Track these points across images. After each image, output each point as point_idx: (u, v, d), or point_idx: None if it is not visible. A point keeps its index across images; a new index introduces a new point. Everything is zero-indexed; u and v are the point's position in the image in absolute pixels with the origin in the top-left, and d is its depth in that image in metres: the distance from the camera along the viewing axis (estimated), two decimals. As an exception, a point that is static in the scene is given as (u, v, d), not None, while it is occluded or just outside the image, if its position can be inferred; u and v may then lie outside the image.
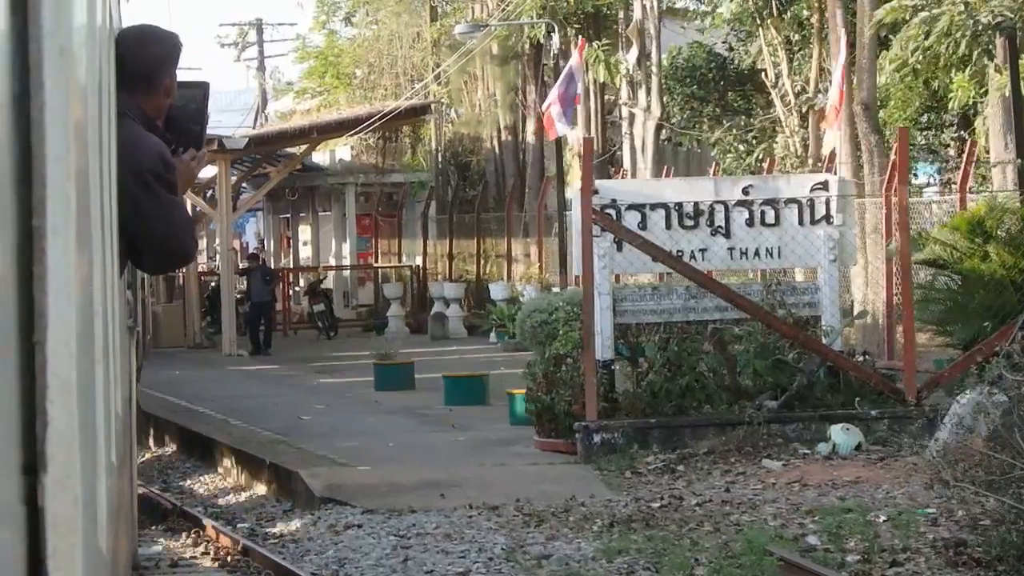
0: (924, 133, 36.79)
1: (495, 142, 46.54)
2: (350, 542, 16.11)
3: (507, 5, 43.04)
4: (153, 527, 18.69)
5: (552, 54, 38.42)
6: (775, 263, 20.62)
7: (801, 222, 20.14)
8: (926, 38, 23.77)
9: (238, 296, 41.55)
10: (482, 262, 44.78)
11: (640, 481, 18.24)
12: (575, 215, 20.24)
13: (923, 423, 19.27)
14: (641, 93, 38.39)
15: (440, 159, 49.74)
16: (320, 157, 52.22)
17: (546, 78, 43.69)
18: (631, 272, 20.80)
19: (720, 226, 20.12)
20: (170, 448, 25.01)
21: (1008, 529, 12.68)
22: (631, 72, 38.85)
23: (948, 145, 35.53)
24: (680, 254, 19.77)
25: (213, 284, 47.44)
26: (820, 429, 19.09)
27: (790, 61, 34.91)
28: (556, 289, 37.21)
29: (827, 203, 20.16)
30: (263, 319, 39.93)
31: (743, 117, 41.67)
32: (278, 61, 72.87)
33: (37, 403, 2.19)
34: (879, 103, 31.33)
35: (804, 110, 33.85)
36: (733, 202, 20.18)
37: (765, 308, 19.53)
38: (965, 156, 24.18)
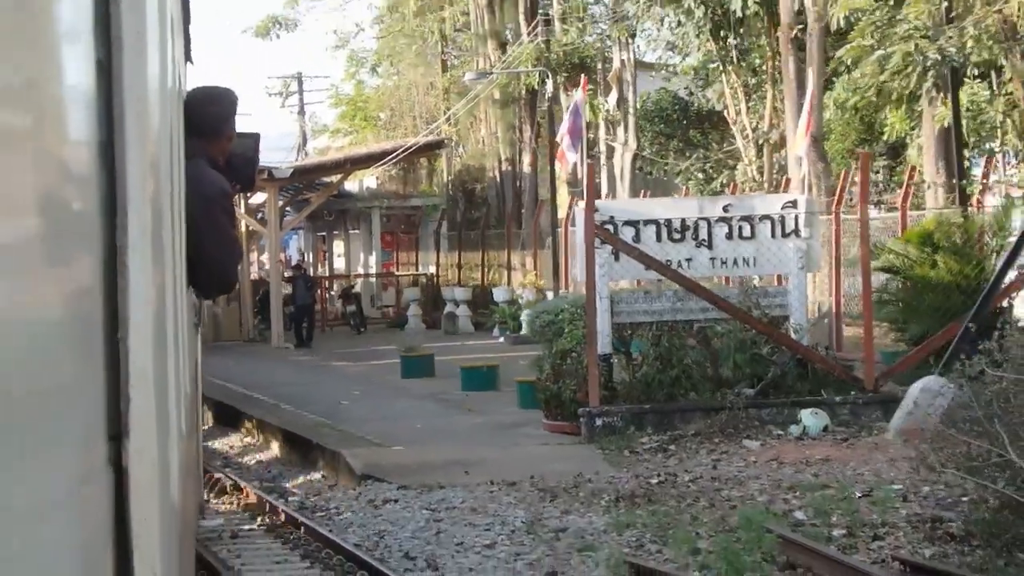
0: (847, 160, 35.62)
1: (496, 172, 45.14)
2: (388, 515, 14.73)
3: (507, 58, 41.69)
4: (215, 499, 17.26)
5: (546, 97, 37.02)
6: (751, 271, 19.25)
7: (773, 235, 18.77)
8: (881, 73, 22.38)
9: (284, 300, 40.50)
10: (486, 271, 43.32)
11: (637, 459, 16.87)
12: (578, 230, 18.84)
13: (880, 408, 17.89)
14: (619, 130, 36.97)
15: (450, 186, 48.33)
16: (351, 185, 50.76)
17: (540, 119, 42.30)
18: (627, 279, 19.32)
19: (704, 239, 18.73)
20: (230, 430, 23.53)
21: (984, 508, 11.36)
22: (611, 112, 37.44)
23: (878, 171, 34.19)
24: (669, 263, 18.38)
25: (263, 289, 46.18)
26: (791, 413, 17.71)
27: (747, 101, 33.49)
28: (550, 293, 35.81)
29: (796, 219, 18.78)
30: (305, 318, 38.47)
31: (702, 150, 40.34)
32: (315, 107, 71.51)
33: (121, 387, 2.18)
34: (822, 136, 29.90)
35: (760, 143, 32.45)
36: (715, 218, 18.79)
37: (743, 309, 18.13)
38: (906, 179, 22.76)
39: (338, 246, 58.75)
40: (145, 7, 2.50)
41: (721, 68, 32.78)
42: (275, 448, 20.56)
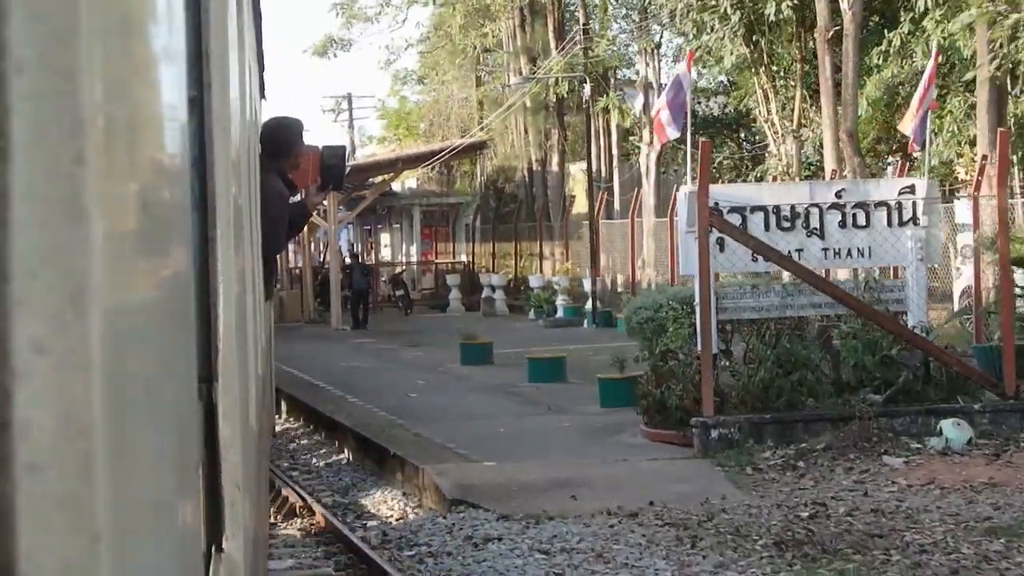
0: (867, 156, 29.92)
1: (525, 172, 39.42)
2: (494, 561, 9.21)
3: (546, 65, 36.05)
4: (283, 522, 11.68)
5: (584, 101, 31.39)
6: (865, 262, 13.54)
7: (890, 223, 13.18)
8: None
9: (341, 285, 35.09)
10: (518, 259, 37.58)
11: (764, 479, 11.31)
12: (682, 218, 13.19)
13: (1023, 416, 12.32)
14: (645, 131, 31.27)
15: (483, 185, 42.63)
16: (395, 185, 44.93)
17: (565, 126, 36.64)
18: (730, 271, 13.66)
19: (815, 228, 13.12)
20: (299, 425, 17.85)
21: None
22: (639, 115, 31.74)
23: (889, 165, 28.68)
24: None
25: (322, 275, 40.62)
26: (926, 423, 12.15)
27: (776, 99, 27.68)
28: (586, 282, 30.12)
29: (914, 206, 13.17)
30: (361, 302, 32.69)
31: (731, 145, 34.77)
32: (363, 122, 65.29)
33: (211, 339, 2.22)
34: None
35: (788, 138, 26.71)
36: (827, 205, 13.18)
37: (871, 306, 12.53)
38: (980, 168, 17.02)
39: (385, 238, 53.10)
40: (228, 59, 2.62)
41: (753, 71, 27.02)
42: (346, 450, 14.93)
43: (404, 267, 43.23)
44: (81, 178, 0.85)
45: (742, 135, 36.28)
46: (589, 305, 29.36)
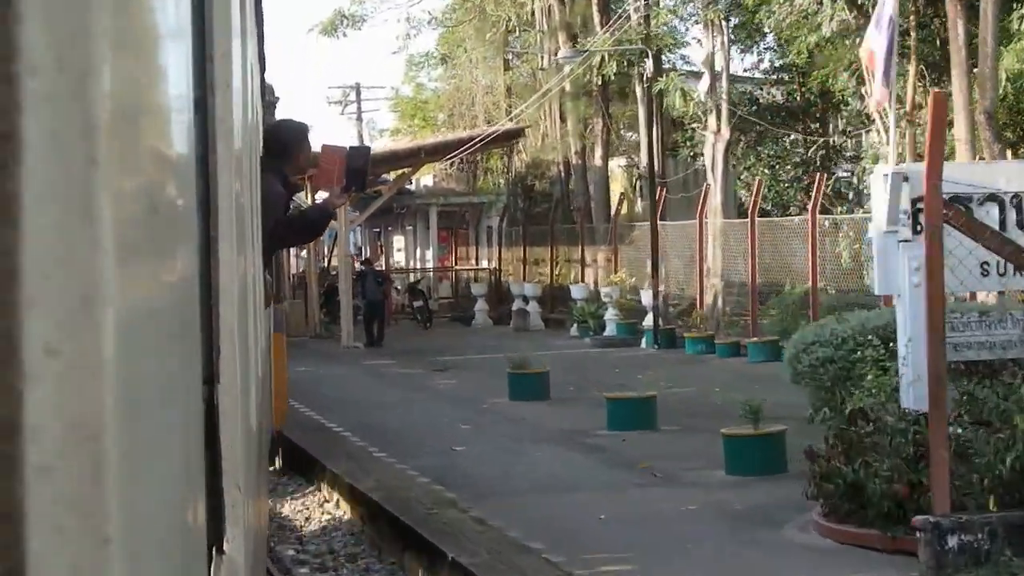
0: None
1: (560, 168, 35.37)
2: None
3: (599, 38, 32.09)
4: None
5: (645, 77, 27.43)
6: None
7: None
8: None
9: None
10: (554, 267, 33.50)
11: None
12: (878, 211, 9.14)
13: None
14: (711, 118, 27.22)
15: (511, 182, 38.59)
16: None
17: (609, 115, 32.59)
18: (954, 290, 9.56)
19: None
20: (304, 483, 13.76)
21: None
22: (703, 99, 27.70)
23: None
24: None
25: (328, 282, 36.65)
26: None
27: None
28: (645, 294, 26.04)
29: None
30: (376, 316, 28.61)
31: (800, 136, 30.72)
32: (373, 114, 60.98)
33: (213, 341, 2.24)
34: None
35: (906, 122, 22.62)
36: (1090, 193, 9.12)
37: None
38: None
39: (398, 241, 49.08)
40: (231, 63, 2.66)
41: (856, 40, 22.91)
42: (376, 538, 10.85)
43: (422, 275, 39.25)
44: (93, 179, 0.87)
45: (813, 126, 32.24)
46: (648, 321, 25.31)
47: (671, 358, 22.80)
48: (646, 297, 25.51)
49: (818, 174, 22.77)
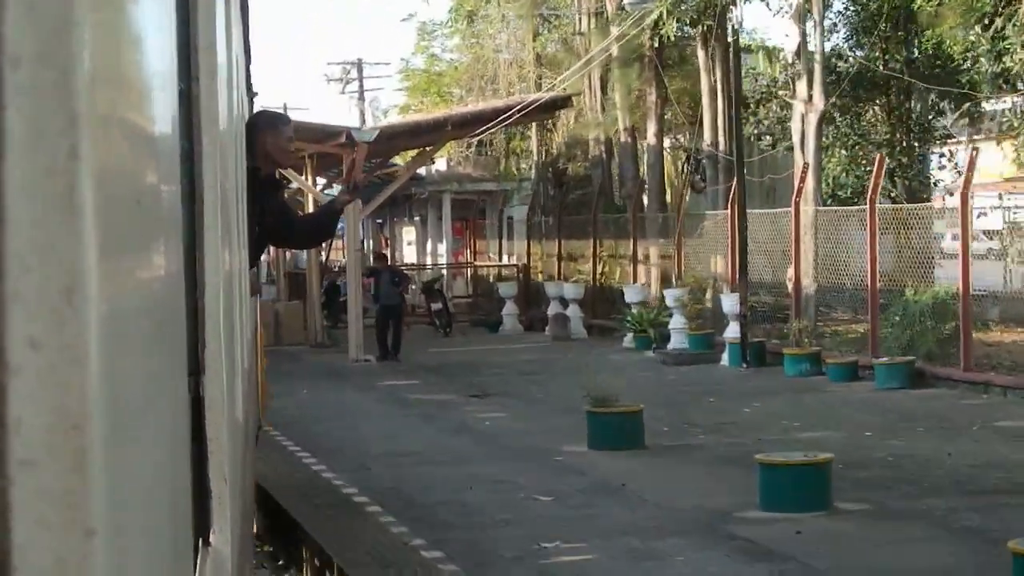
0: None
1: (602, 147, 30.87)
2: None
3: (621, 9, 27.66)
4: None
5: (734, 28, 23.04)
6: None
7: None
8: None
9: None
10: (597, 263, 28.96)
11: None
12: None
13: None
14: (800, 84, 22.75)
15: (541, 166, 34.06)
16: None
17: (666, 85, 28.09)
18: None
19: None
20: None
21: None
22: (792, 61, 23.23)
23: None
24: None
25: (328, 280, 32.24)
26: None
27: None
28: (727, 299, 21.54)
29: None
30: (392, 323, 24.07)
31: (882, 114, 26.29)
32: (376, 94, 56.23)
33: (199, 333, 2.26)
34: None
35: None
36: None
37: None
38: None
39: (409, 232, 44.56)
40: (215, 54, 2.63)
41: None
42: None
43: (442, 272, 34.81)
44: (76, 173, 0.88)
45: (901, 98, 27.75)
46: (730, 332, 20.87)
47: (772, 383, 18.35)
48: (728, 302, 21.03)
49: (971, 150, 18.29)
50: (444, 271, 37.70)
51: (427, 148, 25.85)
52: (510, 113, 23.54)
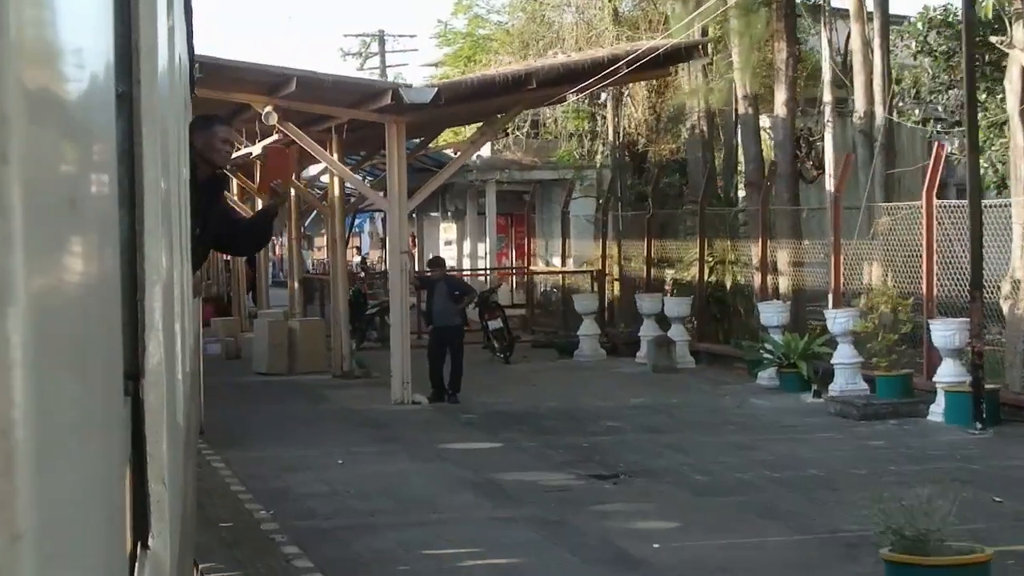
0: None
1: (703, 122, 24.92)
2: None
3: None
4: None
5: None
6: None
7: None
8: None
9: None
10: (704, 270, 22.98)
11: None
12: None
13: None
14: (1019, 29, 16.81)
15: (615, 149, 28.08)
16: (452, 152, 30.00)
17: (795, 42, 22.14)
18: None
19: None
20: None
21: None
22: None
23: None
24: None
25: (354, 287, 26.46)
26: None
27: None
28: (946, 327, 15.56)
29: None
30: (451, 352, 18.11)
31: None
32: (399, 69, 50.20)
33: (138, 337, 2.27)
34: None
35: None
36: None
37: None
38: None
39: (448, 230, 38.63)
40: (156, 55, 2.61)
41: None
42: None
43: (501, 281, 28.93)
44: (5, 176, 0.88)
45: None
46: (946, 374, 14.92)
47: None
48: (941, 332, 15.01)
49: None
50: (487, 278, 31.91)
51: (499, 115, 19.84)
52: (617, 65, 17.56)
